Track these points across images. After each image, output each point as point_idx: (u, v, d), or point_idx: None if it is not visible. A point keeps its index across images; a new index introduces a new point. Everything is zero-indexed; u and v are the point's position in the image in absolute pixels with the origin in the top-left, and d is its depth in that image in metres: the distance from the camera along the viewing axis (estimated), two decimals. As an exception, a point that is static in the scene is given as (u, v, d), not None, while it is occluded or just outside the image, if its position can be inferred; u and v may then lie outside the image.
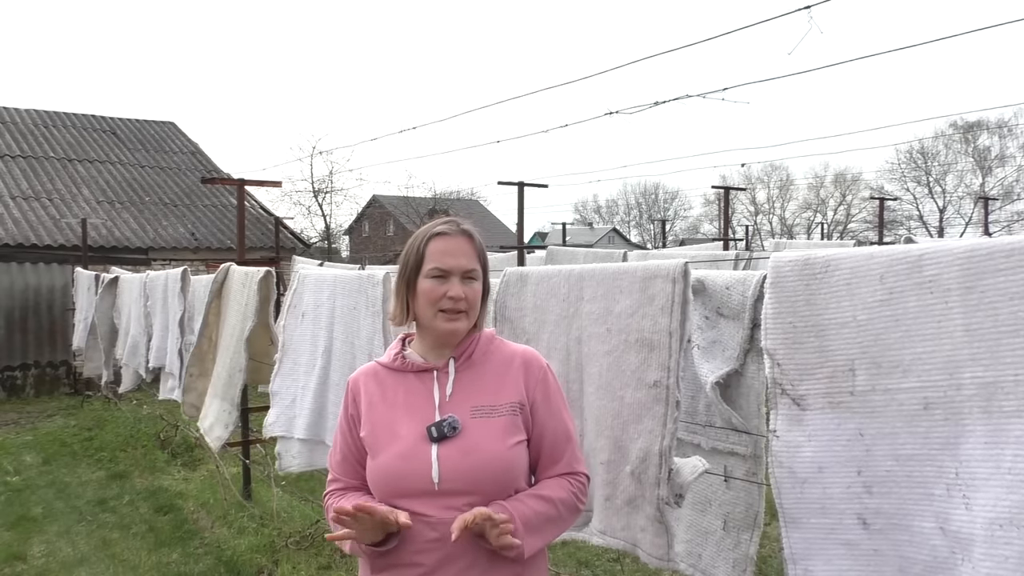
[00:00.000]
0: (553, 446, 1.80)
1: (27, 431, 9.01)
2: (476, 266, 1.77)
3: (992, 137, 42.74)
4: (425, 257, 1.75)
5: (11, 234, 11.69)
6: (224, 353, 5.43)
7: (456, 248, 1.75)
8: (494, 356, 1.81)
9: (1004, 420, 1.65)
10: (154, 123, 18.16)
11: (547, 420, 1.79)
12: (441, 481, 1.66)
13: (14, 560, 5.01)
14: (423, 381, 1.78)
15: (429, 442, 1.69)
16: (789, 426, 2.02)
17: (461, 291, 1.72)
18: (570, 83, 14.44)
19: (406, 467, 1.68)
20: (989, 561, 1.63)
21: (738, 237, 18.74)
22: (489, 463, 1.68)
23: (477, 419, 1.71)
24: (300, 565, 4.62)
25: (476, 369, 1.79)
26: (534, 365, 1.82)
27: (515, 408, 1.75)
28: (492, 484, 1.68)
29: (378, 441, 1.74)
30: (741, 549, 2.52)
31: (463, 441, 1.69)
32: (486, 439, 1.70)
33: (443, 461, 1.67)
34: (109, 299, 8.49)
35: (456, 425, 1.69)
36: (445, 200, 33.12)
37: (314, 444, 4.33)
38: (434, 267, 1.73)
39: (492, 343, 1.84)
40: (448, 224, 1.79)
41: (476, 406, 1.73)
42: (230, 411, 5.23)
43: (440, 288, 1.72)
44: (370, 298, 3.89)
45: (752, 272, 2.53)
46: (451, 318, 1.73)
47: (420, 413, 1.73)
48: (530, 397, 1.78)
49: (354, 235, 48.62)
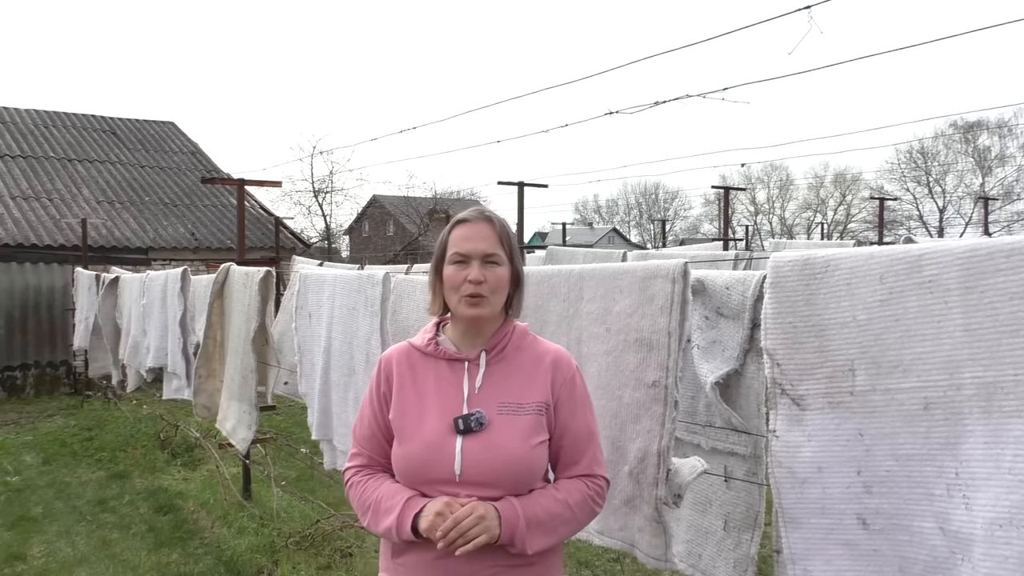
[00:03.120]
0: (573, 447, 1.83)
1: (27, 431, 9.01)
2: (498, 251, 1.78)
3: (992, 137, 42.77)
4: (448, 244, 1.80)
5: (11, 234, 11.69)
6: (233, 355, 5.45)
7: (476, 233, 1.78)
8: (526, 352, 1.84)
9: (1004, 420, 1.65)
10: (154, 123, 18.16)
11: (569, 421, 1.82)
12: (462, 473, 1.71)
13: (14, 560, 5.01)
14: (454, 370, 1.81)
15: (455, 433, 1.73)
16: (789, 426, 2.02)
17: (480, 274, 1.74)
18: (570, 83, 14.47)
19: (431, 456, 1.72)
20: (989, 561, 1.63)
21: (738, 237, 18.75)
22: (510, 461, 1.72)
23: (503, 416, 1.75)
24: (300, 565, 4.62)
25: (507, 364, 1.81)
26: (563, 365, 1.84)
27: (541, 408, 1.78)
28: (511, 480, 1.72)
29: (406, 427, 1.78)
30: (742, 549, 2.52)
31: (487, 437, 1.73)
32: (510, 437, 1.73)
33: (466, 454, 1.71)
34: (111, 299, 8.49)
35: (483, 421, 1.73)
36: (445, 200, 33.08)
37: (328, 444, 4.35)
38: (455, 252, 1.77)
39: (525, 339, 1.86)
40: (471, 211, 1.84)
41: (503, 402, 1.76)
42: (250, 411, 5.26)
43: (461, 273, 1.76)
44: (369, 298, 3.89)
45: (752, 272, 2.53)
46: (472, 303, 1.75)
47: (449, 403, 1.77)
48: (555, 396, 1.81)
49: (354, 235, 48.61)
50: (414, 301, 3.63)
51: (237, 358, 5.35)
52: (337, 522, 4.98)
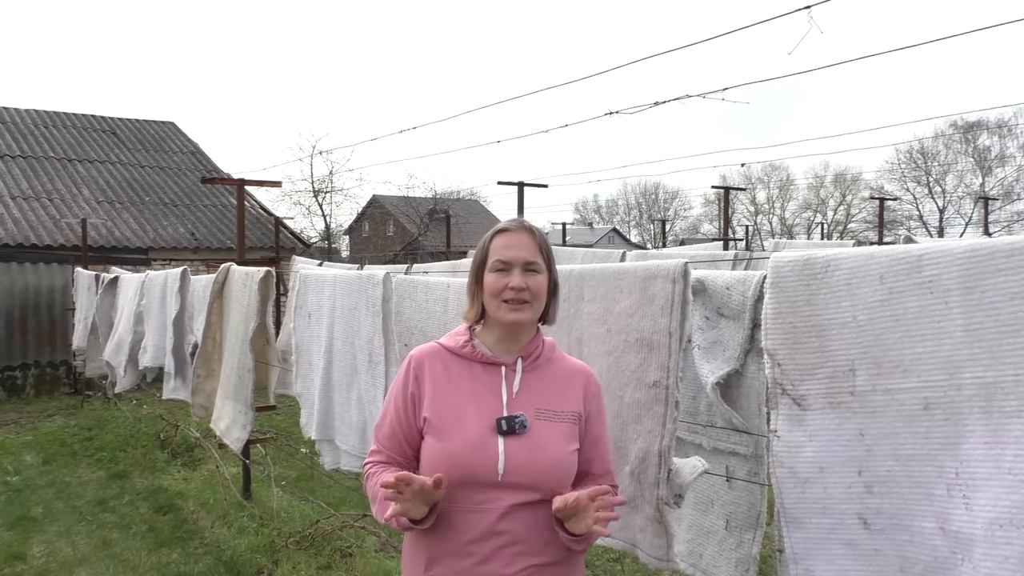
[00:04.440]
0: (603, 458, 1.92)
1: (27, 431, 9.01)
2: (538, 259, 1.85)
3: (992, 137, 42.76)
4: (489, 252, 1.86)
5: (11, 234, 11.69)
6: (231, 355, 5.44)
7: (517, 242, 1.84)
8: (556, 365, 1.91)
9: (1004, 420, 1.65)
10: (154, 123, 18.16)
11: (599, 434, 1.91)
12: (506, 474, 1.73)
13: (14, 560, 5.01)
14: (490, 374, 1.84)
15: (497, 435, 1.75)
16: (790, 426, 2.02)
17: (522, 281, 1.80)
18: (570, 83, 14.46)
19: (474, 456, 1.74)
20: (989, 561, 1.63)
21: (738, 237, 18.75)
22: (554, 464, 1.77)
23: (542, 420, 1.80)
24: (300, 565, 4.62)
25: (541, 372, 1.87)
26: (592, 381, 1.93)
27: (575, 418, 1.85)
28: (553, 483, 1.76)
29: (445, 425, 1.79)
30: (744, 549, 2.52)
31: (530, 439, 1.77)
32: (551, 441, 1.78)
33: (510, 455, 1.74)
34: (110, 299, 8.50)
35: (526, 423, 1.77)
36: (445, 200, 33.10)
37: (329, 444, 4.35)
38: (496, 260, 1.83)
39: (554, 352, 1.94)
40: (511, 222, 1.91)
41: (541, 408, 1.81)
42: (245, 411, 5.24)
43: (503, 280, 1.81)
44: (370, 298, 3.89)
45: (752, 272, 2.53)
46: (514, 308, 1.80)
47: (488, 405, 1.80)
48: (586, 410, 1.88)
49: (354, 235, 48.60)
50: (416, 301, 3.63)
51: (234, 357, 5.35)
52: (337, 522, 4.98)
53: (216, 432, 5.72)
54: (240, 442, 5.32)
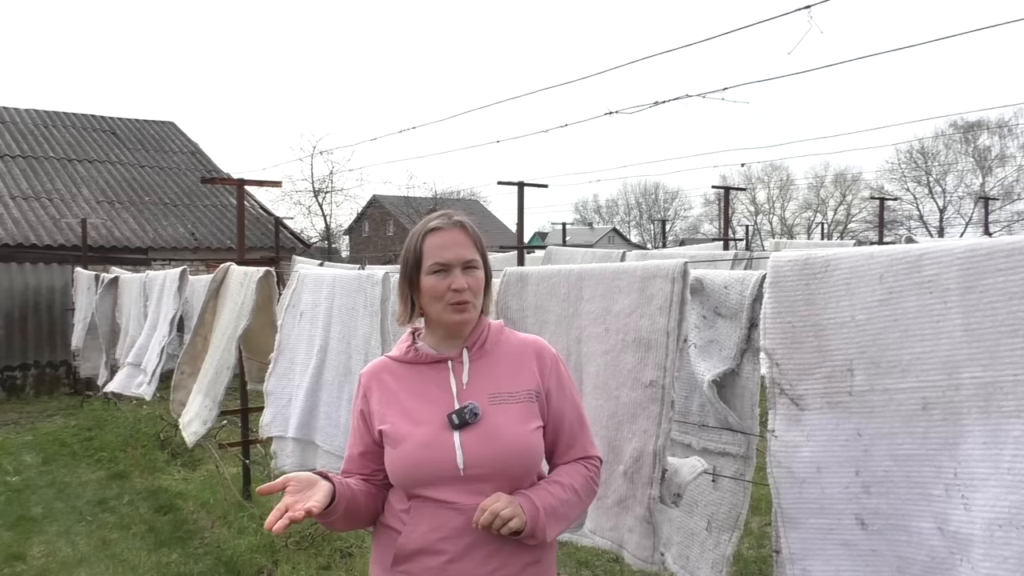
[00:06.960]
0: (570, 432, 1.85)
1: (27, 431, 9.01)
2: (475, 255, 1.79)
3: (992, 137, 42.75)
4: (424, 254, 1.78)
5: (11, 234, 11.69)
6: (215, 351, 5.39)
7: (452, 241, 1.78)
8: (505, 345, 1.86)
9: (1003, 420, 1.65)
10: (154, 123, 18.16)
11: (563, 407, 1.84)
12: (466, 467, 1.70)
13: (14, 560, 5.01)
14: (438, 371, 1.81)
15: (451, 430, 1.72)
16: (788, 426, 2.02)
17: (464, 282, 1.75)
18: (570, 83, 14.46)
19: (429, 455, 1.71)
20: (988, 562, 1.63)
21: (738, 237, 18.74)
22: (512, 447, 1.73)
23: (496, 405, 1.75)
24: (300, 565, 4.62)
25: (489, 358, 1.82)
26: (546, 354, 1.87)
27: (532, 395, 1.80)
28: (516, 467, 1.73)
29: (398, 432, 1.76)
30: (720, 550, 2.52)
31: (485, 427, 1.72)
32: (507, 424, 1.74)
33: (467, 447, 1.70)
34: (110, 299, 8.49)
35: (477, 411, 1.73)
36: (445, 200, 33.11)
37: (306, 444, 4.32)
38: (434, 263, 1.76)
39: (502, 333, 1.88)
40: (441, 218, 1.82)
41: (493, 393, 1.77)
42: (211, 408, 5.14)
43: (443, 282, 1.75)
44: (369, 298, 3.89)
45: (750, 272, 2.53)
46: (459, 310, 1.76)
47: (438, 402, 1.76)
48: (545, 385, 1.83)
49: (354, 235, 48.62)
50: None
51: (217, 354, 5.28)
52: (337, 522, 4.97)
53: (180, 423, 5.64)
54: (196, 436, 5.19)
